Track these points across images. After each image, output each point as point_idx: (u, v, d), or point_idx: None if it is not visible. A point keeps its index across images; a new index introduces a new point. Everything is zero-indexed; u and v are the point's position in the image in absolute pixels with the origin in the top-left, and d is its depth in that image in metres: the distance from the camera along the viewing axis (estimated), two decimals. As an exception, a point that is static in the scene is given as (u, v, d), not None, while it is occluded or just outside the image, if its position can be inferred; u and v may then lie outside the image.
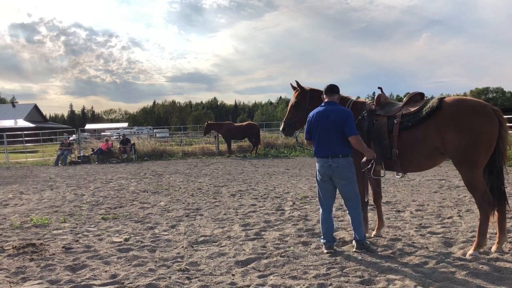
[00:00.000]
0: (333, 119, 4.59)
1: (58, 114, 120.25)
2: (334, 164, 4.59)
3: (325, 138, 4.61)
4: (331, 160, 4.59)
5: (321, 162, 4.68)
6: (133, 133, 39.74)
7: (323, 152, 4.64)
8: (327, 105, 4.73)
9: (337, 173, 4.60)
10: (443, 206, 7.13)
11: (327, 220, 4.78)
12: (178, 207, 7.81)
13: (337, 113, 4.61)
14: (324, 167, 4.65)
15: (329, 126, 4.59)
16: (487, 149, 4.32)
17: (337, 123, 4.57)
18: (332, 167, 4.60)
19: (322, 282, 3.77)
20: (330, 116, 4.61)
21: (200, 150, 23.15)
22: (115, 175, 13.94)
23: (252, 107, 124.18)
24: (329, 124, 4.59)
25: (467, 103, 4.44)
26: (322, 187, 4.79)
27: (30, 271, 4.30)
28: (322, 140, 4.64)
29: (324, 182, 4.74)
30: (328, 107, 4.70)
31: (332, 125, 4.58)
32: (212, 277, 4.01)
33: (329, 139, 4.60)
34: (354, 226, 4.72)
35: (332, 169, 4.60)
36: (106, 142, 21.44)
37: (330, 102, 4.76)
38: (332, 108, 4.67)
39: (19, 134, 27.13)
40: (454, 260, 4.27)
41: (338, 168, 4.59)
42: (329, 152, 4.60)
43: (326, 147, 4.62)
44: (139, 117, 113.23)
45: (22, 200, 9.09)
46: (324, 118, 4.63)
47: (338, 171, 4.60)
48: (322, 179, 4.73)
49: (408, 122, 4.69)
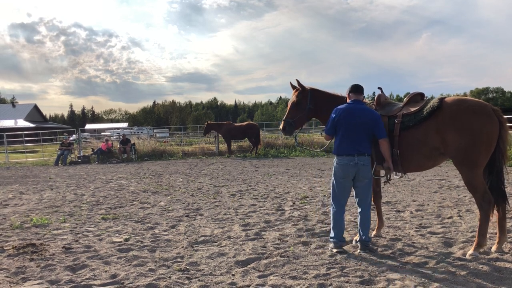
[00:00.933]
0: (364, 118, 4.62)
1: (58, 114, 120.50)
2: (361, 163, 4.60)
3: (353, 136, 4.62)
4: (357, 158, 4.60)
5: (346, 160, 4.64)
6: (133, 133, 39.75)
7: (351, 150, 4.62)
8: (356, 103, 4.75)
9: (361, 171, 4.63)
10: (443, 206, 7.13)
11: (341, 219, 4.75)
12: (178, 207, 7.81)
13: (368, 113, 4.66)
14: (349, 165, 4.62)
15: (358, 125, 4.61)
16: (487, 149, 4.32)
17: (368, 123, 4.61)
18: (358, 165, 4.60)
19: (322, 282, 3.77)
20: (361, 115, 4.63)
21: (200, 150, 23.16)
22: (115, 175, 13.94)
23: (252, 107, 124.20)
24: (359, 123, 4.61)
25: (467, 103, 4.44)
26: (341, 185, 4.73)
27: (30, 271, 4.30)
28: (350, 138, 4.63)
29: (346, 180, 4.70)
30: (357, 106, 4.71)
31: (361, 124, 4.60)
32: (212, 277, 4.01)
33: (357, 138, 4.61)
34: (363, 226, 4.70)
35: (358, 167, 4.61)
36: (106, 142, 21.45)
37: (357, 101, 4.78)
38: (361, 108, 4.70)
39: (19, 134, 27.14)
40: (454, 260, 4.27)
41: (363, 167, 4.62)
42: (356, 150, 4.60)
43: (353, 145, 4.61)
44: (139, 117, 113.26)
45: (22, 200, 9.09)
46: (353, 116, 4.64)
47: (363, 170, 4.63)
48: (344, 177, 4.69)
49: (408, 122, 4.69)
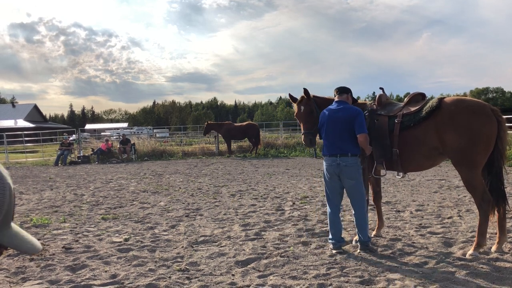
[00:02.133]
0: (342, 117, 4.61)
1: (58, 114, 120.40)
2: (343, 163, 4.58)
3: (334, 136, 4.62)
4: (339, 158, 4.58)
5: (329, 161, 4.65)
6: (133, 133, 39.74)
7: (332, 150, 4.63)
8: (337, 103, 4.76)
9: (345, 172, 4.60)
10: (443, 206, 7.13)
11: (336, 220, 4.75)
12: (178, 207, 7.81)
13: (346, 111, 4.64)
14: (332, 166, 4.63)
15: (338, 124, 4.60)
16: (486, 149, 4.33)
17: (346, 121, 4.59)
18: (340, 166, 4.58)
19: (322, 282, 3.77)
20: (340, 114, 4.63)
21: (200, 150, 23.15)
22: (115, 175, 13.93)
23: (252, 107, 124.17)
24: (338, 122, 4.60)
25: (465, 103, 4.45)
26: (330, 186, 4.75)
27: (30, 271, 4.30)
28: (331, 138, 4.63)
29: (332, 181, 4.70)
30: (338, 106, 4.73)
31: (341, 123, 4.59)
32: (212, 277, 4.01)
33: (338, 137, 4.60)
34: (358, 226, 4.70)
35: (340, 168, 4.59)
36: (106, 142, 21.43)
37: (340, 101, 4.79)
38: (341, 107, 4.70)
39: (19, 134, 27.13)
40: (454, 260, 4.28)
41: (346, 167, 4.59)
42: (338, 150, 4.59)
43: (334, 145, 4.61)
44: (139, 117, 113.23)
45: (22, 200, 9.09)
46: (333, 116, 4.65)
47: (346, 170, 4.59)
48: (331, 177, 4.70)
49: (408, 122, 4.70)
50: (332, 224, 4.75)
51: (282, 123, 25.90)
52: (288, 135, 27.18)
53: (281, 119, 68.55)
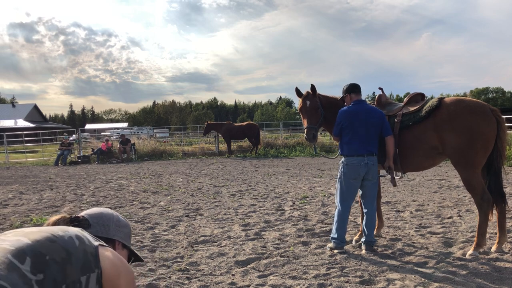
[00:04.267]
0: (372, 118, 4.64)
1: (58, 114, 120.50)
2: (370, 163, 4.61)
3: (363, 136, 4.62)
4: (367, 158, 4.60)
5: (356, 161, 4.62)
6: (133, 133, 39.75)
7: (361, 150, 4.61)
8: (361, 103, 4.77)
9: (371, 171, 4.64)
10: (443, 206, 7.13)
11: (346, 220, 4.74)
12: (178, 207, 7.81)
13: (374, 113, 4.69)
14: (360, 166, 4.60)
15: (368, 125, 4.62)
16: (485, 149, 4.33)
17: (376, 123, 4.63)
18: (368, 166, 4.60)
19: (322, 282, 3.77)
20: (368, 115, 4.65)
21: (200, 150, 23.17)
22: (115, 175, 13.93)
23: (252, 107, 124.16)
24: (368, 123, 4.62)
25: (464, 103, 4.45)
26: (351, 186, 4.69)
27: (30, 271, 4.29)
28: (360, 138, 4.62)
29: (355, 181, 4.68)
30: (363, 106, 4.74)
31: (371, 124, 4.62)
32: (212, 277, 4.01)
33: (367, 138, 4.62)
34: (368, 226, 4.70)
35: (368, 167, 4.61)
36: (106, 142, 21.45)
37: (361, 100, 4.81)
38: (368, 108, 4.73)
39: (19, 134, 27.14)
40: (454, 260, 4.28)
41: (373, 167, 4.63)
42: (367, 150, 4.61)
43: (363, 145, 4.62)
44: (139, 117, 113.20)
45: (22, 200, 9.09)
46: (362, 117, 4.64)
47: (372, 170, 4.64)
48: (355, 177, 4.66)
49: (408, 121, 4.71)
50: (341, 224, 4.70)
51: (282, 123, 25.93)
52: (288, 135, 27.23)
53: (281, 119, 68.61)
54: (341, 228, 4.70)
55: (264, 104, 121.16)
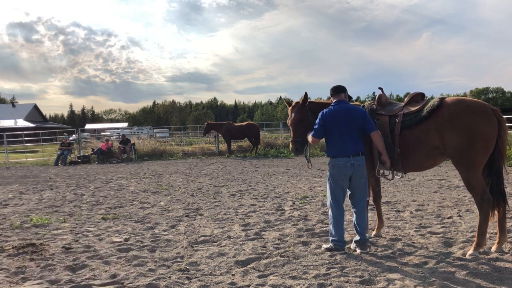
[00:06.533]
0: (352, 117, 4.60)
1: (58, 114, 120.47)
2: (356, 163, 4.58)
3: (346, 136, 4.60)
4: (353, 158, 4.57)
5: (342, 162, 4.59)
6: (133, 133, 39.74)
7: (346, 151, 4.58)
8: (340, 103, 4.72)
9: (358, 171, 4.60)
10: (443, 206, 7.13)
11: (341, 220, 4.73)
12: (178, 207, 7.81)
13: (355, 111, 4.65)
14: (345, 167, 4.58)
15: (349, 124, 4.59)
16: (486, 149, 4.32)
17: (357, 121, 4.59)
18: (354, 166, 4.57)
19: (322, 282, 3.77)
20: (348, 114, 4.61)
21: (200, 150, 23.17)
22: (115, 175, 13.94)
23: (252, 107, 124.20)
24: (349, 122, 4.59)
25: (465, 103, 4.45)
26: (339, 187, 4.69)
27: (30, 271, 4.30)
28: (343, 139, 4.60)
29: (343, 182, 4.66)
30: (342, 106, 4.69)
31: (352, 123, 4.59)
32: (212, 277, 4.01)
33: (350, 137, 4.59)
34: (360, 225, 4.70)
35: (354, 168, 4.58)
36: (106, 142, 21.45)
37: (341, 100, 4.76)
38: (347, 107, 4.68)
39: (19, 134, 27.13)
40: (454, 260, 4.27)
41: (359, 167, 4.60)
42: (351, 151, 4.58)
43: (347, 146, 4.59)
44: (139, 117, 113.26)
45: (22, 200, 9.09)
46: (342, 117, 4.61)
47: (359, 170, 4.61)
48: (342, 178, 4.64)
49: (409, 121, 4.70)
50: (337, 224, 4.70)
51: (282, 123, 25.90)
52: (288, 135, 27.15)
53: (281, 119, 68.54)
54: (338, 228, 4.71)
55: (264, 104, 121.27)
